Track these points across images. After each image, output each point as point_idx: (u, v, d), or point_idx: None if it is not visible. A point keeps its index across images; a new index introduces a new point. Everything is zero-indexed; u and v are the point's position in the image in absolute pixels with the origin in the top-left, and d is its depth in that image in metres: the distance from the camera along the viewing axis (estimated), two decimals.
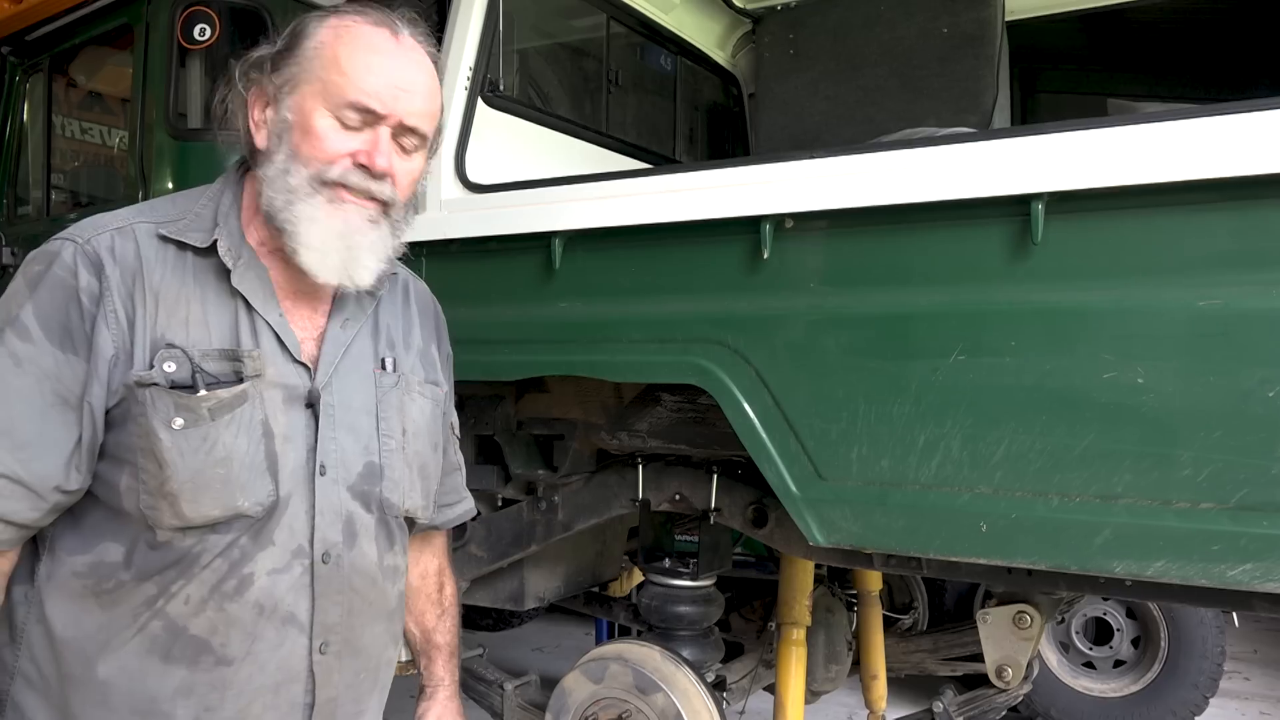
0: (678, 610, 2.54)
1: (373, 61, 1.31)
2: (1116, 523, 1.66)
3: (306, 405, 1.35)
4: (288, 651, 1.33)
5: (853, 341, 1.88)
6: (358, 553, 1.39)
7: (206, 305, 1.32)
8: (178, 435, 1.24)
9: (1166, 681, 4.68)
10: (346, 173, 1.31)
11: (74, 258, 1.26)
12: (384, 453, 1.44)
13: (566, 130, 2.94)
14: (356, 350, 1.45)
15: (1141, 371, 1.62)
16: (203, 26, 2.94)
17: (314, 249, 1.32)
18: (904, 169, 1.85)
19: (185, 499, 1.25)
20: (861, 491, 1.89)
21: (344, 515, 1.38)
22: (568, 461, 2.70)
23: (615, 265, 2.17)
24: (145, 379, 1.25)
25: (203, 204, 1.39)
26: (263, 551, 1.30)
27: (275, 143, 1.33)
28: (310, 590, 1.34)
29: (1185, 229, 1.61)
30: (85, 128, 3.74)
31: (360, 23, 1.33)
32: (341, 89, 1.30)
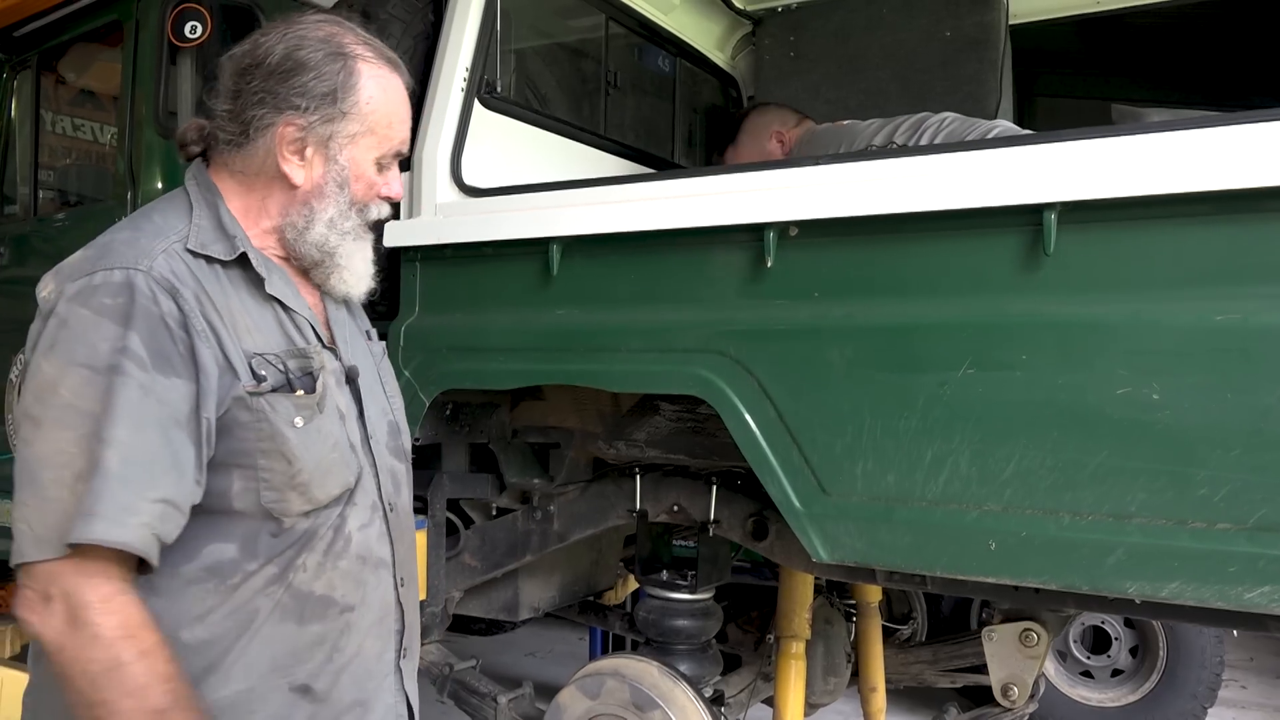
0: (675, 624, 2.49)
1: (402, 113, 1.51)
2: (1130, 542, 1.62)
3: (347, 382, 1.52)
4: (384, 590, 1.53)
5: (858, 353, 1.84)
6: (403, 498, 1.63)
7: (252, 312, 1.42)
8: (300, 432, 1.38)
9: (1165, 691, 4.64)
10: (381, 208, 1.53)
11: (149, 285, 1.31)
12: (395, 410, 1.66)
13: (564, 132, 2.89)
14: (350, 327, 1.61)
15: (1157, 387, 1.58)
16: (194, 24, 2.87)
17: (356, 274, 1.52)
18: (911, 176, 1.80)
19: (316, 485, 1.40)
20: (867, 507, 1.84)
21: (390, 470, 1.58)
22: (564, 471, 2.65)
23: (614, 272, 2.12)
24: (261, 389, 1.36)
25: (198, 215, 1.43)
26: (353, 511, 1.48)
27: (333, 188, 1.46)
28: (389, 536, 1.55)
29: (1203, 241, 1.57)
30: (74, 126, 3.68)
31: (389, 72, 1.48)
32: (391, 143, 1.50)
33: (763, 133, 3.15)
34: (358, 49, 1.45)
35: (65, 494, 1.24)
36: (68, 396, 1.26)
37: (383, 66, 1.47)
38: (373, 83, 1.45)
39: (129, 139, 3.04)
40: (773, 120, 3.19)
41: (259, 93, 1.42)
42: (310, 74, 1.41)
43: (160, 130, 2.95)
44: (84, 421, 1.25)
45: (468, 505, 2.88)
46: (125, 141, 3.06)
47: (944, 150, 1.81)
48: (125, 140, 3.06)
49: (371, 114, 1.45)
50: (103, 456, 1.24)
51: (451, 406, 2.58)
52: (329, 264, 1.50)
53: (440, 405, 2.49)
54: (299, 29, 1.44)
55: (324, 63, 1.42)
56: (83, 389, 1.26)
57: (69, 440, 1.25)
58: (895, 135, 2.75)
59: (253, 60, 1.43)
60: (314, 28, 1.45)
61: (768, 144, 3.13)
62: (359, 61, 1.44)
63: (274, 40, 1.43)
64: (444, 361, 2.33)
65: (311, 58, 1.42)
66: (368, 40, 1.48)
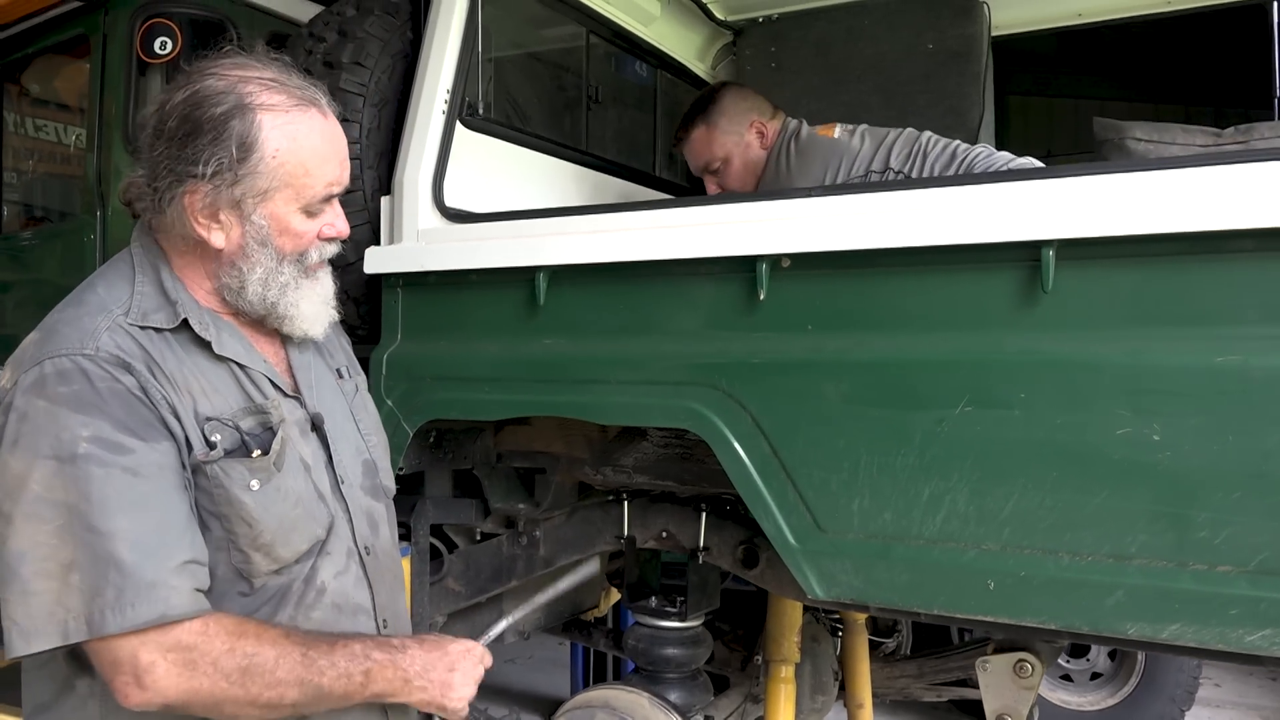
0: (665, 652, 2.47)
1: (324, 152, 1.43)
2: (1130, 584, 1.61)
3: (313, 429, 1.51)
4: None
5: (854, 389, 1.81)
6: (382, 539, 1.61)
7: (206, 375, 1.40)
8: (257, 495, 1.37)
9: (1143, 694, 4.68)
10: (324, 249, 1.49)
11: (100, 366, 1.30)
12: (370, 449, 1.64)
13: (547, 150, 2.84)
14: (317, 369, 1.59)
15: (1157, 428, 1.56)
16: (164, 40, 2.81)
17: (308, 319, 1.48)
18: (907, 210, 1.78)
19: (280, 544, 1.39)
20: (863, 545, 1.81)
21: (366, 511, 1.56)
22: (549, 496, 2.61)
23: (604, 302, 2.08)
24: (212, 457, 1.35)
25: (140, 282, 1.42)
26: (325, 561, 1.47)
27: (255, 248, 1.42)
28: (366, 580, 1.53)
29: (1204, 280, 1.56)
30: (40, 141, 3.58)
31: (299, 115, 1.40)
32: (311, 189, 1.42)
33: (741, 120, 2.94)
34: (261, 96, 1.37)
35: (54, 585, 1.23)
36: (38, 490, 1.24)
37: (292, 110, 1.39)
38: (277, 133, 1.37)
39: (97, 157, 2.96)
40: (750, 108, 2.99)
41: (163, 160, 1.38)
42: (207, 136, 1.35)
43: (130, 149, 2.88)
44: (59, 513, 1.23)
45: (451, 530, 2.84)
46: (93, 159, 2.98)
47: (941, 184, 1.79)
48: (94, 158, 2.98)
49: (281, 167, 1.39)
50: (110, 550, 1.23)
51: (435, 433, 2.53)
52: (275, 315, 1.47)
53: (424, 432, 2.44)
54: (199, 82, 1.37)
55: (222, 120, 1.35)
56: (52, 480, 1.24)
57: (46, 533, 1.23)
58: (891, 159, 2.69)
59: (158, 124, 1.39)
60: (216, 78, 1.37)
61: (746, 133, 2.94)
62: (260, 112, 1.37)
63: (176, 98, 1.38)
64: (428, 391, 2.28)
65: (208, 116, 1.35)
66: (275, 79, 1.40)
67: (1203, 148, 3.15)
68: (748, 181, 2.96)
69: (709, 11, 3.59)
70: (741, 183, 2.95)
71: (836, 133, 2.86)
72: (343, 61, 2.43)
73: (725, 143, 2.93)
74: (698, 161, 2.99)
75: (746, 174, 2.95)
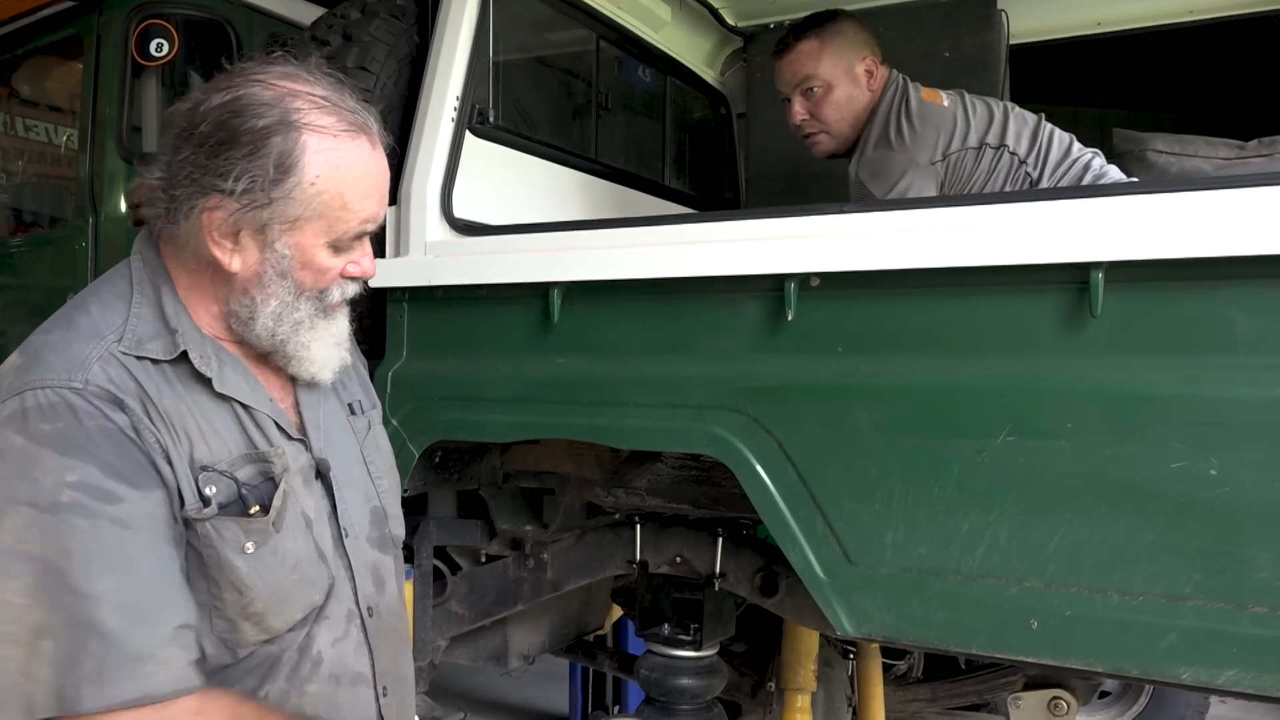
0: (680, 683, 2.37)
1: (367, 186, 1.30)
2: (1184, 626, 1.52)
3: (317, 476, 1.37)
4: (363, 706, 1.38)
5: (887, 415, 1.72)
6: (388, 595, 1.46)
7: (205, 414, 1.26)
8: (252, 559, 1.22)
9: (1153, 714, 4.61)
10: (345, 288, 1.34)
11: (88, 402, 1.16)
12: (380, 494, 1.49)
13: (556, 159, 2.75)
14: (327, 406, 1.45)
15: (1214, 462, 1.48)
16: (160, 41, 2.71)
17: (317, 362, 1.35)
18: (946, 228, 1.69)
19: (272, 614, 1.25)
20: (896, 580, 1.73)
21: (371, 566, 1.42)
22: (558, 518, 2.52)
23: (621, 321, 1.99)
24: (205, 514, 1.21)
25: (137, 303, 1.27)
26: (321, 628, 1.33)
27: (273, 278, 1.28)
28: (366, 645, 1.39)
29: (1265, 307, 1.47)
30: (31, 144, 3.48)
31: (348, 141, 1.27)
32: (345, 224, 1.29)
33: (857, 50, 2.60)
34: (309, 115, 1.24)
35: (19, 652, 1.08)
36: (9, 541, 1.10)
37: (340, 136, 1.26)
38: (321, 158, 1.24)
39: (90, 162, 2.86)
40: (866, 42, 2.64)
41: (187, 167, 1.22)
42: (244, 149, 1.20)
43: (124, 154, 2.78)
44: (31, 569, 1.09)
45: (455, 551, 2.74)
46: (86, 164, 2.88)
47: (983, 200, 1.70)
48: (86, 163, 2.88)
49: (318, 196, 1.24)
50: (92, 614, 1.09)
51: (440, 453, 2.44)
52: (282, 355, 1.33)
53: (429, 452, 2.35)
54: (244, 88, 1.23)
55: (262, 135, 1.21)
56: (25, 531, 1.10)
57: (16, 591, 1.09)
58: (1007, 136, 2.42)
59: (187, 125, 1.23)
60: (262, 86, 1.23)
61: (857, 64, 2.59)
62: (307, 133, 1.23)
63: (214, 101, 1.23)
64: (435, 411, 2.18)
65: (247, 128, 1.21)
66: (327, 98, 1.26)
67: (1225, 160, 3.07)
68: (844, 120, 2.62)
69: (720, 17, 3.50)
70: (836, 116, 2.62)
71: (945, 100, 2.57)
72: (347, 66, 2.33)
73: (834, 65, 2.60)
74: (795, 75, 2.63)
75: (844, 112, 2.60)
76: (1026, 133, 2.47)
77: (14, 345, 1.28)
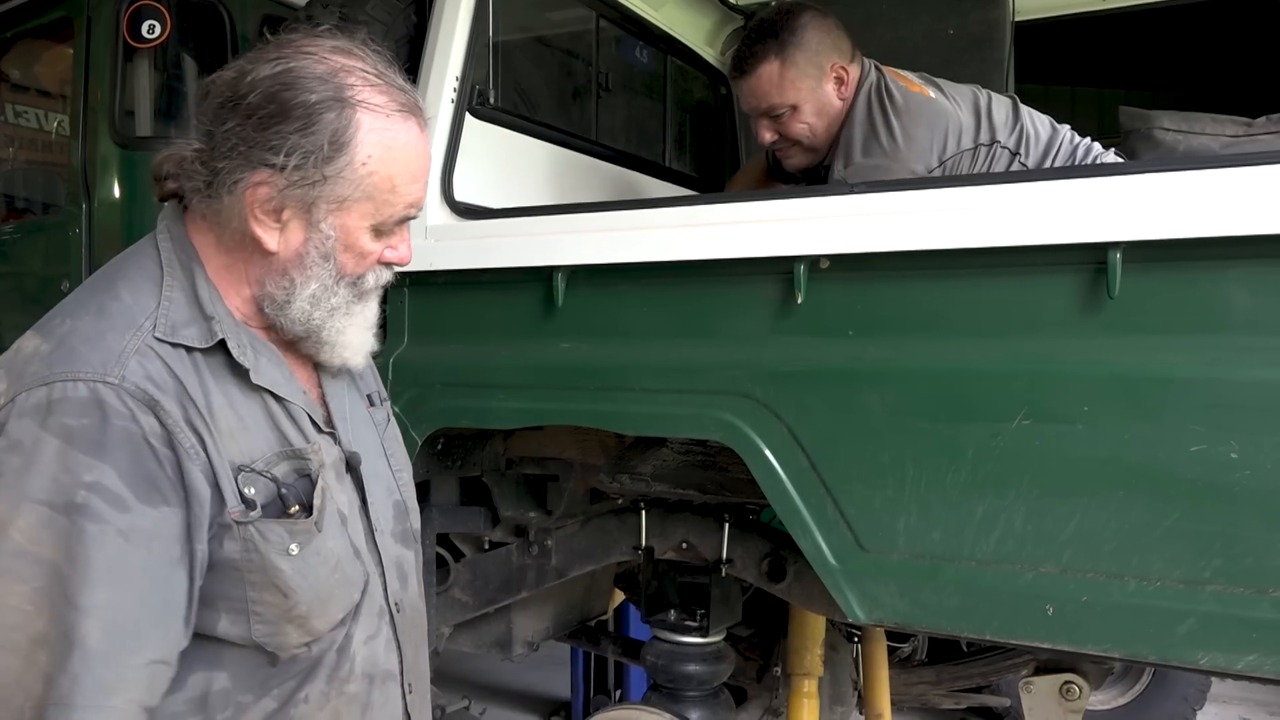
0: (687, 670, 2.35)
1: (415, 169, 1.26)
2: (1203, 611, 1.50)
3: (348, 470, 1.33)
4: (392, 704, 1.36)
5: (900, 399, 1.69)
6: (411, 591, 1.43)
7: (236, 407, 1.21)
8: (296, 560, 1.19)
9: (1155, 694, 4.61)
10: (381, 274, 1.31)
11: (121, 401, 1.09)
12: (401, 487, 1.46)
13: (556, 140, 2.71)
14: (351, 397, 1.41)
15: (1235, 445, 1.45)
16: (151, 23, 2.66)
17: (351, 347, 1.31)
18: (959, 208, 1.66)
19: (316, 615, 1.22)
20: (909, 566, 1.70)
21: (397, 563, 1.39)
22: (562, 504, 2.49)
23: (626, 305, 1.96)
24: (250, 517, 1.16)
25: (169, 286, 1.20)
26: (358, 625, 1.30)
27: (315, 260, 1.23)
28: (396, 642, 1.37)
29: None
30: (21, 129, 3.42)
31: (400, 122, 1.23)
32: (392, 208, 1.25)
33: (822, 61, 2.39)
34: (363, 93, 1.19)
35: (18, 663, 1.03)
36: (20, 540, 1.04)
37: (393, 115, 1.21)
38: (374, 137, 1.19)
39: (83, 146, 2.81)
40: (832, 46, 2.42)
41: (232, 139, 1.17)
42: (295, 123, 1.15)
43: (117, 138, 2.73)
44: (40, 573, 1.04)
45: (458, 538, 2.71)
46: (78, 149, 2.83)
47: (997, 180, 1.67)
48: (78, 147, 2.83)
49: (369, 177, 1.20)
50: (79, 629, 1.03)
51: (443, 441, 2.41)
52: (314, 340, 1.29)
53: (431, 439, 2.32)
54: (295, 60, 1.17)
55: (315, 111, 1.16)
56: (39, 532, 1.04)
57: (22, 596, 1.04)
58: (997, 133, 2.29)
59: (233, 94, 1.17)
60: (315, 60, 1.18)
61: (824, 79, 2.40)
62: (360, 110, 1.18)
63: (262, 71, 1.17)
64: (438, 398, 2.15)
65: (300, 101, 1.15)
66: (380, 76, 1.22)
67: (1233, 138, 3.03)
68: (816, 135, 2.45)
69: None
70: (808, 134, 2.45)
71: (932, 92, 2.36)
72: None
73: (799, 86, 2.39)
74: (759, 103, 2.45)
75: (816, 127, 2.43)
76: (1010, 120, 2.34)
77: (8, 332, 1.24)
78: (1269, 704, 5.60)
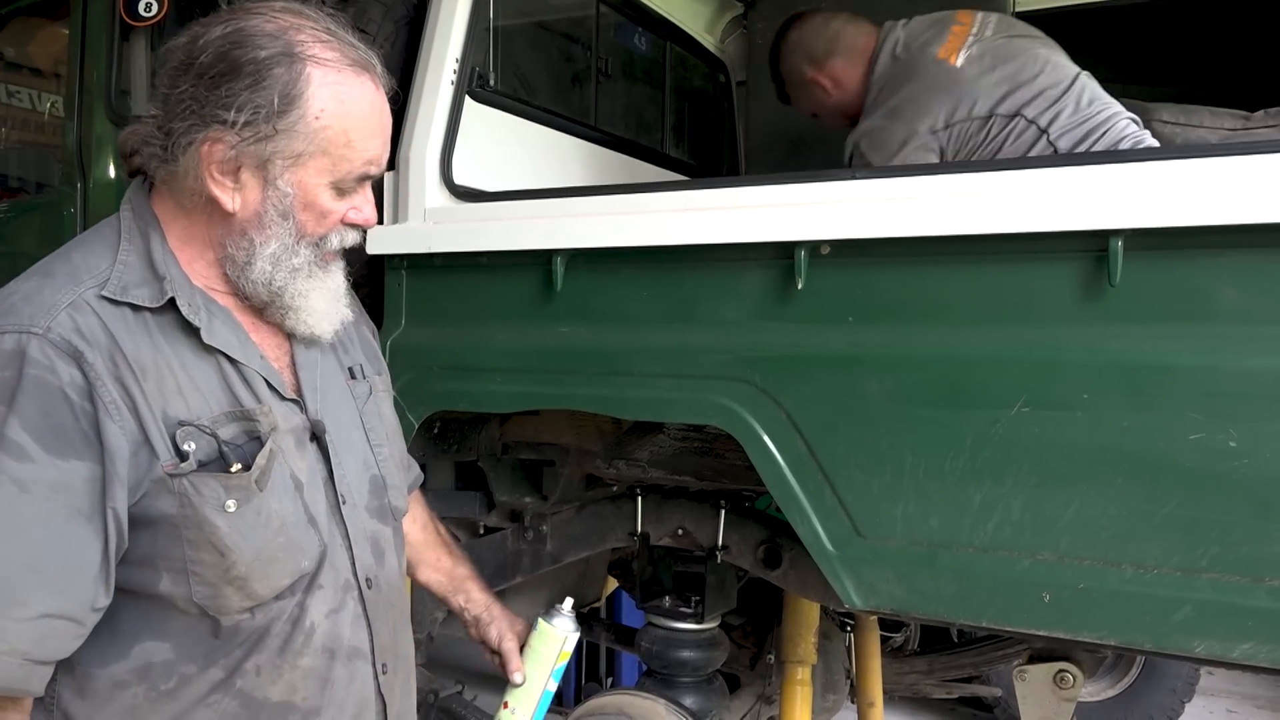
0: (681, 656, 2.35)
1: (371, 125, 1.26)
2: (1199, 599, 1.50)
3: (312, 439, 1.32)
4: (360, 683, 1.34)
5: (899, 385, 1.69)
6: (388, 568, 1.42)
7: (188, 368, 1.21)
8: (234, 518, 1.17)
9: (1144, 685, 4.64)
10: (345, 235, 1.30)
11: (43, 351, 1.09)
12: (380, 462, 1.44)
13: (556, 125, 2.69)
14: (325, 367, 1.41)
15: (1234, 434, 1.45)
16: (149, 1, 2.63)
17: (316, 314, 1.30)
18: (961, 194, 1.66)
19: (256, 578, 1.20)
20: (906, 553, 1.70)
21: (370, 537, 1.38)
22: (558, 490, 2.49)
23: (625, 289, 1.95)
24: (182, 469, 1.15)
25: (125, 250, 1.22)
26: (315, 598, 1.28)
27: (274, 218, 1.23)
28: (365, 619, 1.35)
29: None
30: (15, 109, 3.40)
31: (353, 77, 1.24)
32: (349, 163, 1.25)
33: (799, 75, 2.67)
34: (313, 48, 1.21)
35: None
36: None
37: (344, 70, 1.23)
38: (326, 91, 1.21)
39: (78, 125, 2.79)
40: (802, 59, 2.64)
41: (185, 100, 1.18)
42: (246, 80, 1.17)
43: (112, 117, 2.71)
44: None
45: (453, 524, 2.71)
46: (73, 128, 2.81)
47: (998, 167, 1.67)
48: (73, 126, 2.81)
49: (323, 131, 1.21)
50: None
51: (439, 424, 2.40)
52: (279, 305, 1.29)
53: (427, 423, 2.31)
54: (245, 19, 1.20)
55: (264, 66, 1.18)
56: None
57: None
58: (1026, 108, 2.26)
59: (186, 58, 1.20)
60: (265, 19, 1.21)
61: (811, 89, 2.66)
62: (310, 65, 1.20)
63: (214, 33, 1.20)
64: (435, 381, 2.14)
65: (250, 59, 1.17)
66: (331, 34, 1.24)
67: (1231, 131, 3.03)
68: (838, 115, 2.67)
69: None
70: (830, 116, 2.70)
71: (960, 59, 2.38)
72: None
73: (805, 103, 2.75)
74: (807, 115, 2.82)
75: (835, 111, 2.65)
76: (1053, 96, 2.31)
77: None
78: (1255, 696, 5.64)
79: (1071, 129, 2.28)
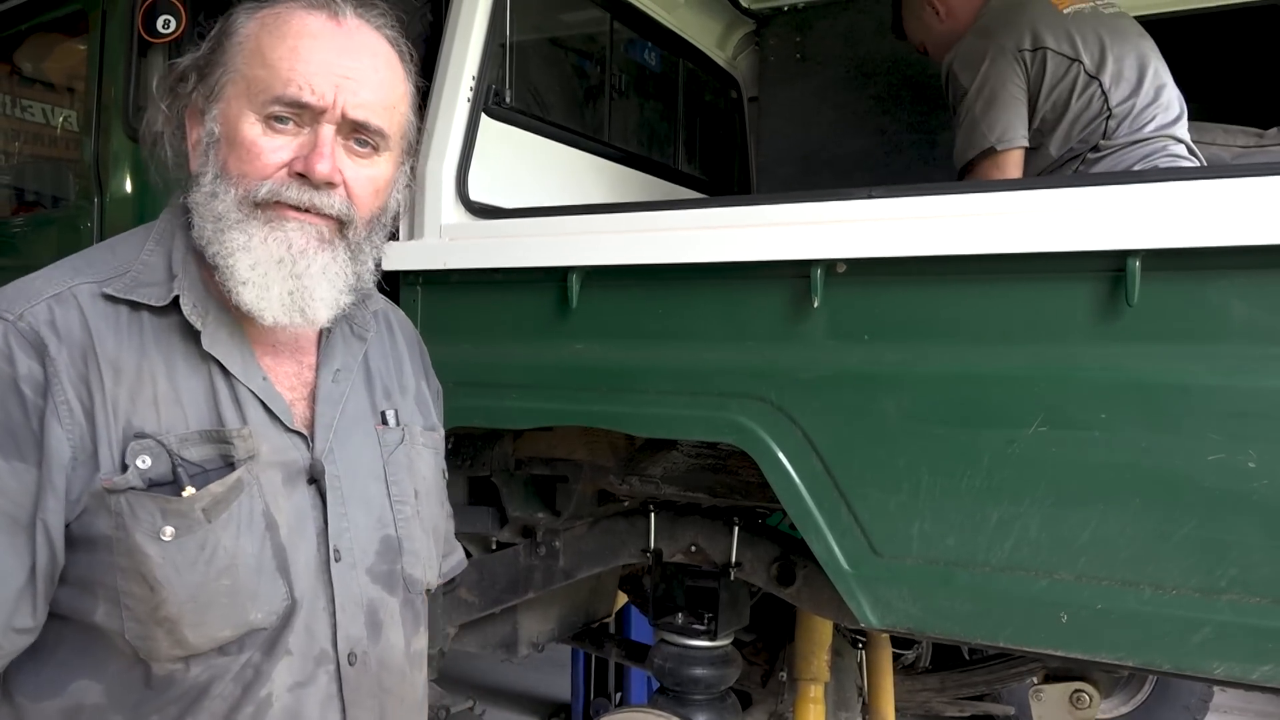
0: (694, 673, 2.35)
1: (302, 46, 1.10)
2: (1218, 620, 1.50)
3: (309, 481, 1.16)
4: None
5: (915, 404, 1.69)
6: (384, 645, 1.21)
7: (175, 378, 1.10)
8: (169, 547, 1.02)
9: (1157, 703, 4.60)
10: (280, 187, 1.10)
11: (5, 339, 1.03)
12: (400, 522, 1.25)
13: (570, 141, 2.70)
14: (353, 406, 1.25)
15: (1253, 454, 1.45)
16: (166, 18, 2.65)
17: (251, 283, 1.09)
18: (977, 214, 1.66)
19: (187, 623, 1.04)
20: (923, 571, 1.70)
21: (365, 604, 1.19)
22: (571, 506, 2.49)
23: (641, 306, 1.95)
24: (118, 484, 1.02)
25: (150, 250, 1.16)
26: (279, 665, 1.10)
27: (203, 161, 1.12)
28: (340, 701, 1.15)
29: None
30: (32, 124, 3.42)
31: (292, 8, 1.13)
32: (267, 84, 1.09)
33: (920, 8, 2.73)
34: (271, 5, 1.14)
35: None
36: None
37: (288, 5, 1.12)
38: (254, 21, 1.12)
39: (95, 141, 2.80)
40: None
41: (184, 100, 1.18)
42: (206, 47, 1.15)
43: (129, 133, 2.73)
44: None
45: (465, 538, 2.71)
46: (91, 143, 2.83)
47: (1015, 186, 1.67)
48: (91, 142, 2.83)
49: (240, 53, 1.11)
50: None
51: (453, 440, 2.40)
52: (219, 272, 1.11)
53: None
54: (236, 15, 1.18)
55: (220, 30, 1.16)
56: None
57: None
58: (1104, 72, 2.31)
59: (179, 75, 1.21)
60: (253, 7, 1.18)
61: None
62: (258, 7, 1.13)
63: None
64: (450, 397, 2.13)
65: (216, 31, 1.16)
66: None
67: (1244, 148, 3.03)
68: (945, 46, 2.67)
69: None
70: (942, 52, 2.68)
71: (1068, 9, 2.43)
72: None
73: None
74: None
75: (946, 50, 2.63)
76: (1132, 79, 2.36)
77: None
78: (1269, 714, 5.60)
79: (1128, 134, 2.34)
